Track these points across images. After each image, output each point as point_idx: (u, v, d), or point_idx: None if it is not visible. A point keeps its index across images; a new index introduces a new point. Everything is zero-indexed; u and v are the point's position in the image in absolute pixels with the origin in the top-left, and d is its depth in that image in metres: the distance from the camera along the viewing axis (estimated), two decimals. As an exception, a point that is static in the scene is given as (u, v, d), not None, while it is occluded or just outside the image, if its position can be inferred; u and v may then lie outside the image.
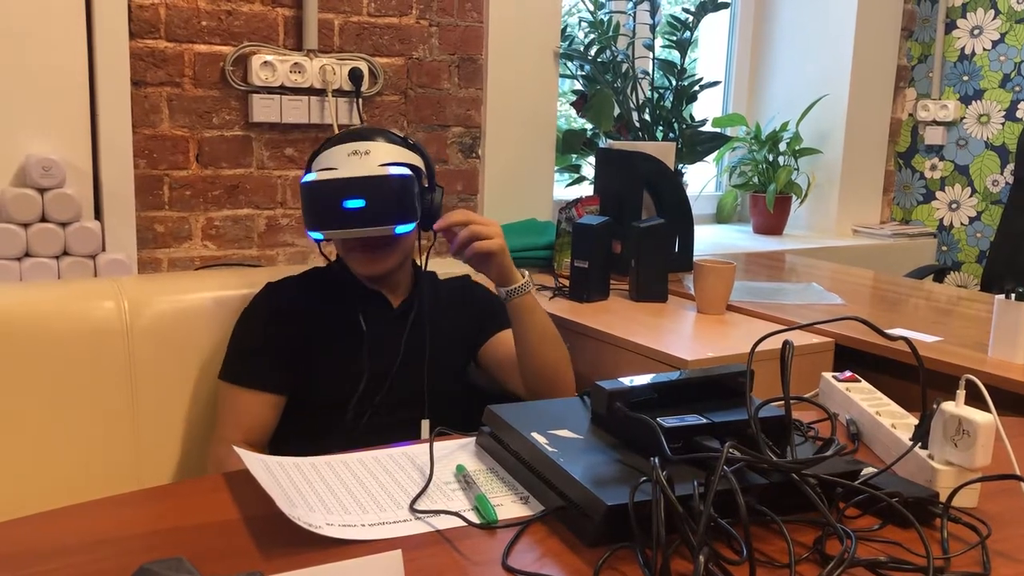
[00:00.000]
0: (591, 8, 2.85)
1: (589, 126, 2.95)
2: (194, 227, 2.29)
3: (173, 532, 0.88)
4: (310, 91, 2.35)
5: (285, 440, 1.55)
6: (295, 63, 2.30)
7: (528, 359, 1.56)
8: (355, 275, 1.61)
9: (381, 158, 1.52)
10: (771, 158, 3.30)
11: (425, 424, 1.51)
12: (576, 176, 2.99)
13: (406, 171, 1.50)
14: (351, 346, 1.57)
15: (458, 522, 0.91)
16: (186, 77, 2.23)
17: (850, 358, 1.77)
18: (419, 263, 1.66)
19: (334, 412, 1.55)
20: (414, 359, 1.56)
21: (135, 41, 2.15)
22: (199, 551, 0.83)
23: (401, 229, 1.50)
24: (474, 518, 0.91)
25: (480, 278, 1.72)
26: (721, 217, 3.53)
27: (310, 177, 1.49)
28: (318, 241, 1.57)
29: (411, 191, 1.50)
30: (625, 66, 2.88)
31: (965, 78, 3.33)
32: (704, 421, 0.97)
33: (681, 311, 2.02)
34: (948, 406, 0.99)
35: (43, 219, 1.98)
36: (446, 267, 1.82)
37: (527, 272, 1.57)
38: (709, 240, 3.09)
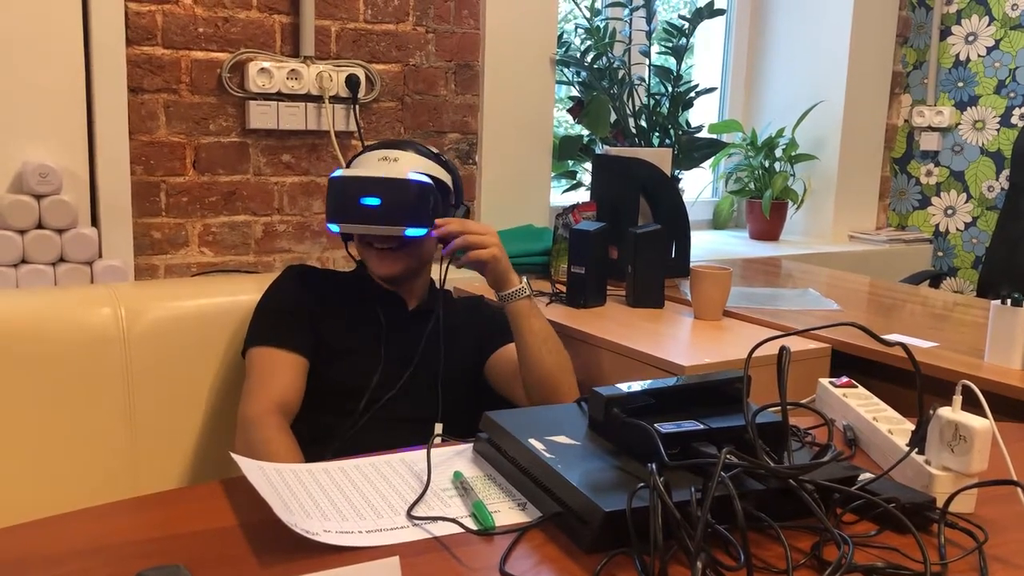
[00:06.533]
0: (587, 15, 2.85)
1: (586, 132, 2.95)
2: (191, 234, 2.29)
3: (170, 539, 0.88)
4: (307, 98, 2.35)
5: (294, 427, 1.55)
6: (292, 70, 2.30)
7: (529, 364, 1.58)
8: (374, 277, 1.67)
9: (409, 166, 1.60)
10: (767, 164, 3.30)
11: (438, 427, 1.54)
12: (573, 182, 3.00)
13: (426, 179, 1.57)
14: (369, 335, 1.62)
15: (455, 529, 0.91)
16: (183, 84, 2.23)
17: (847, 364, 1.77)
18: (438, 274, 1.69)
19: (347, 401, 1.57)
20: (429, 358, 1.60)
21: (132, 48, 2.15)
22: (196, 558, 0.83)
23: (412, 232, 1.56)
24: (471, 524, 0.91)
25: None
26: (717, 223, 3.53)
27: (337, 173, 1.59)
28: (336, 234, 1.64)
29: (427, 198, 1.56)
30: (621, 72, 2.89)
31: (960, 84, 3.34)
32: (701, 427, 0.97)
33: (678, 317, 2.02)
34: (945, 411, 0.99)
35: (39, 226, 1.98)
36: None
37: (526, 278, 1.60)
38: (706, 246, 3.09)
